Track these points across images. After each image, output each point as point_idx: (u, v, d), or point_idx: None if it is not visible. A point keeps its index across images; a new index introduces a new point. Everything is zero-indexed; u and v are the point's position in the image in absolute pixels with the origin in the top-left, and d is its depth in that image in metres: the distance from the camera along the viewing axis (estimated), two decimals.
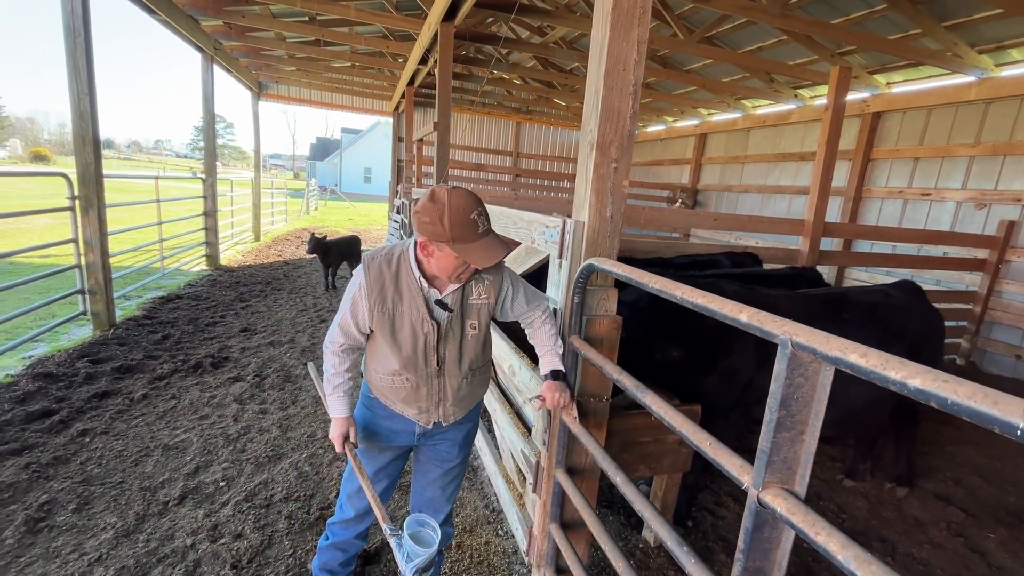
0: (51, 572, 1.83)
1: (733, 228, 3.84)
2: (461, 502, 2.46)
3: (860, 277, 6.13)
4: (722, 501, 2.65)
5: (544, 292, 1.83)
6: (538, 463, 1.76)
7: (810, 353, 0.69)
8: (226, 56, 7.72)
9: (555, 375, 1.51)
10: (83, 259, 4.13)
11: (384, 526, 1.38)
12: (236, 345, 4.21)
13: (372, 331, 1.44)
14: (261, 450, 2.70)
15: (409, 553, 1.32)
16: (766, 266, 3.79)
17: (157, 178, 6.27)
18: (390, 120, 12.20)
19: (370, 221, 18.25)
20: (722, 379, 2.22)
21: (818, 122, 7.15)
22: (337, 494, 2.39)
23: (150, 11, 5.09)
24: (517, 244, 2.26)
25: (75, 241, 4.09)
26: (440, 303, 1.41)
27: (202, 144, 7.60)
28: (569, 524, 1.70)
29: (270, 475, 2.49)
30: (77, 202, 3.97)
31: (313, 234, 6.22)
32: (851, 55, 5.79)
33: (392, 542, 1.35)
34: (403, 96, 8.80)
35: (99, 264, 4.11)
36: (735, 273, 3.07)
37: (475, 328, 1.46)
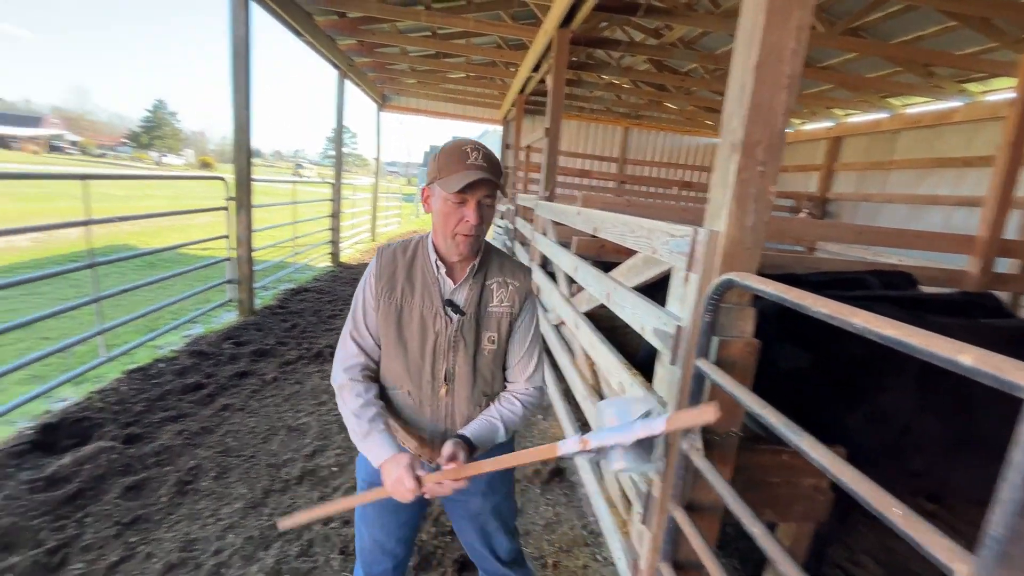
0: (192, 532, 2.05)
1: (882, 243, 3.34)
2: (558, 518, 2.37)
3: None
4: (859, 559, 2.29)
5: (663, 305, 1.69)
6: (649, 494, 1.62)
7: None
8: (356, 71, 8.43)
9: (467, 442, 1.16)
10: (233, 253, 4.71)
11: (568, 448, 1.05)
12: None
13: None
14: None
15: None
16: (923, 290, 3.24)
17: (294, 183, 7.00)
18: (498, 128, 12.51)
19: None
20: (872, 420, 1.89)
21: (989, 121, 6.04)
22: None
23: (297, 33, 5.70)
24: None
25: (227, 237, 4.67)
26: (451, 303, 1.20)
27: (332, 153, 8.35)
28: (683, 565, 1.54)
29: None
30: (231, 203, 4.53)
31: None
32: None
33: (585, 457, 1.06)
34: (513, 104, 8.97)
35: (245, 257, 4.66)
36: (891, 296, 2.64)
37: (493, 342, 1.23)
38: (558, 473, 2.73)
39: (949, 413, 1.77)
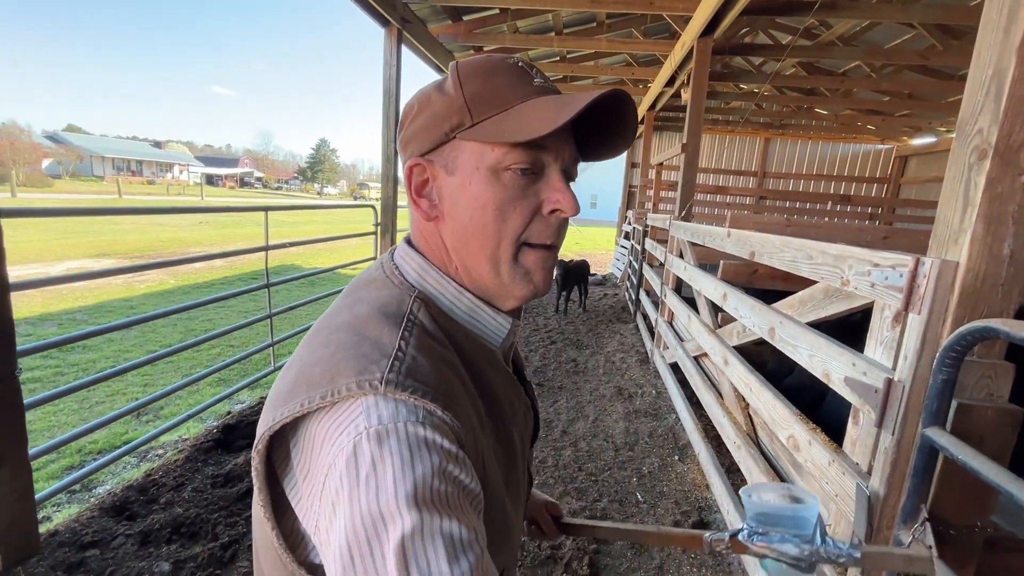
0: None
1: None
2: None
3: None
4: None
5: (856, 348, 1.38)
6: None
7: None
8: None
9: None
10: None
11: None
12: None
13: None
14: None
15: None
16: None
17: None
18: None
19: (595, 245, 18.65)
20: None
21: None
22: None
23: (439, 70, 6.13)
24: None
25: (375, 258, 5.10)
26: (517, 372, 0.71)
27: None
28: None
29: None
30: (379, 227, 4.94)
31: (561, 259, 6.55)
32: None
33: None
34: (642, 121, 8.69)
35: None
36: None
37: None
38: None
39: None
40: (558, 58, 7.26)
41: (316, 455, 0.45)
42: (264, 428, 0.48)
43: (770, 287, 2.85)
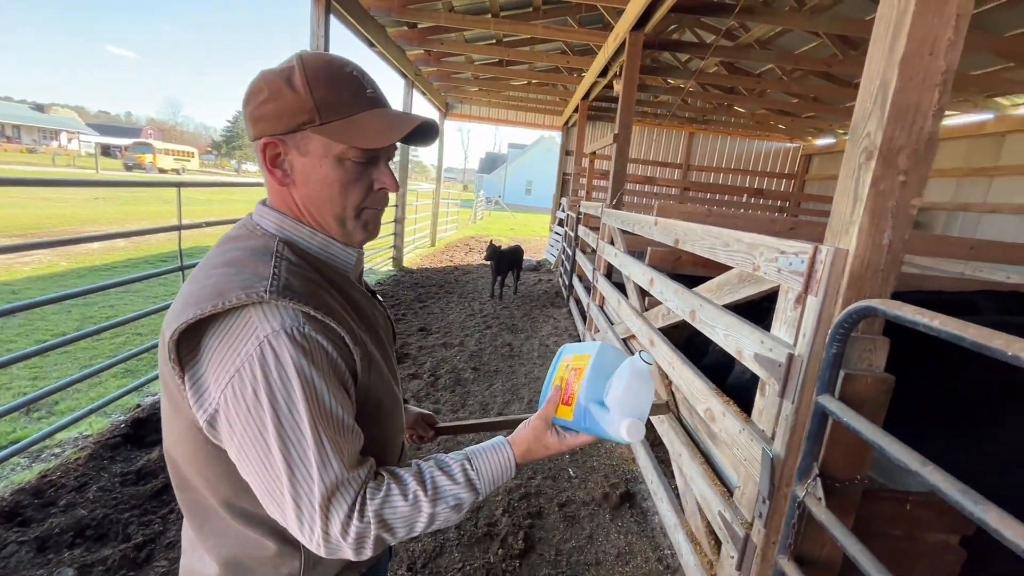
0: None
1: (1000, 260, 2.93)
2: (630, 548, 2.23)
3: None
4: None
5: (763, 327, 1.53)
6: (747, 538, 1.46)
7: None
8: (423, 80, 8.61)
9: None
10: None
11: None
12: (414, 343, 4.56)
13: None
14: (435, 452, 2.81)
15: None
16: None
17: None
18: (552, 135, 12.48)
19: (530, 231, 18.90)
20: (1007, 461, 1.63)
21: None
22: (504, 511, 2.34)
23: (371, 44, 5.87)
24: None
25: None
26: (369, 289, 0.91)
27: (397, 160, 8.57)
28: None
29: None
30: None
31: (491, 243, 6.55)
32: None
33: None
34: (576, 110, 8.85)
35: None
36: (1013, 322, 2.30)
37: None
38: (628, 498, 2.57)
39: None
40: (494, 41, 7.20)
41: (222, 356, 0.63)
42: (168, 334, 0.63)
43: (692, 273, 3.05)
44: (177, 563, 1.84)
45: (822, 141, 11.14)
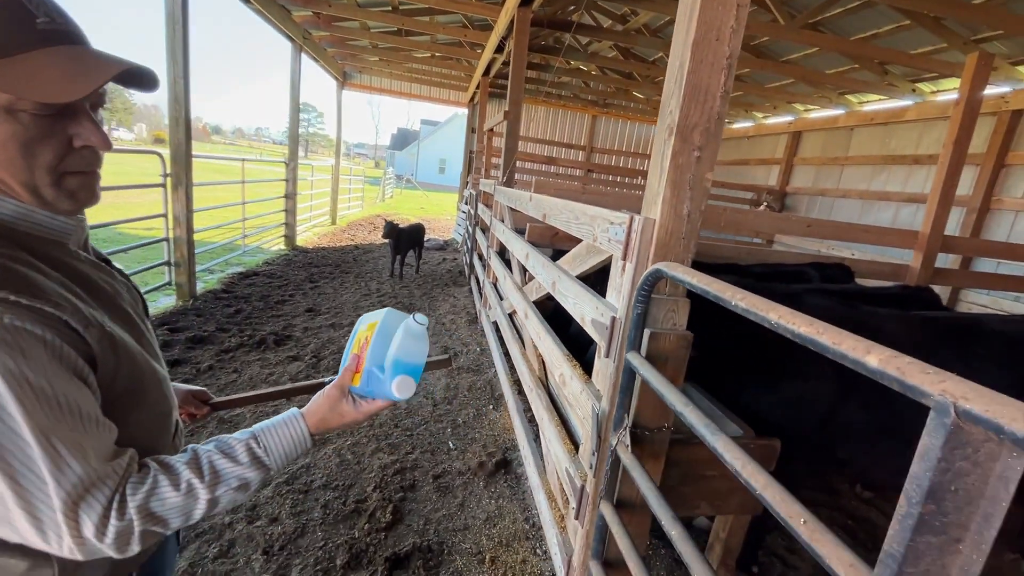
0: None
1: (830, 237, 3.41)
2: (500, 512, 2.32)
3: (979, 301, 5.30)
4: (795, 547, 2.32)
5: (605, 296, 1.63)
6: (583, 488, 1.57)
7: (988, 430, 0.46)
8: (314, 46, 8.04)
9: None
10: (171, 233, 4.42)
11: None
12: (300, 324, 4.34)
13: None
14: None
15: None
16: (868, 283, 3.32)
17: (243, 160, 6.65)
18: (467, 112, 12.27)
19: (441, 211, 18.62)
20: (793, 407, 1.90)
21: (937, 120, 6.27)
22: (375, 487, 2.33)
23: (245, 0, 5.35)
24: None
25: (165, 216, 4.38)
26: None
27: (287, 127, 7.99)
28: (612, 563, 1.50)
29: (313, 459, 2.49)
30: (168, 179, 4.24)
31: (388, 220, 6.35)
32: (989, 42, 4.97)
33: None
34: (478, 86, 8.77)
35: (184, 239, 4.38)
36: (830, 289, 2.67)
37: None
38: (504, 465, 2.67)
39: (871, 401, 1.78)
40: (390, 8, 6.88)
41: None
42: None
43: (568, 248, 3.18)
44: None
45: None
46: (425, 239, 7.08)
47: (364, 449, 2.64)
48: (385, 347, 0.85)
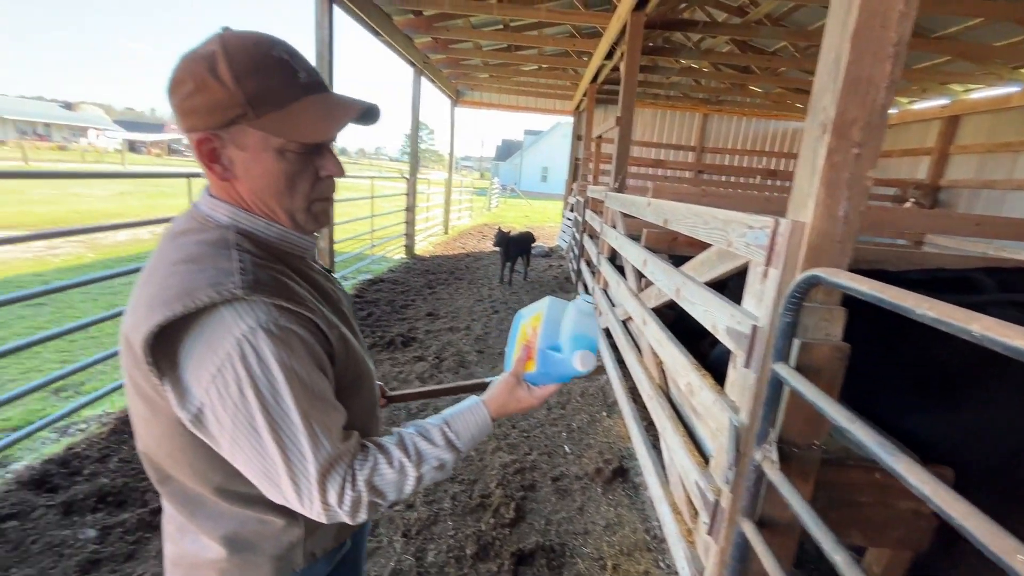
0: None
1: (1008, 237, 2.84)
2: (619, 520, 2.30)
3: None
4: None
5: (739, 303, 1.56)
6: (717, 504, 1.52)
7: None
8: (431, 68, 8.64)
9: None
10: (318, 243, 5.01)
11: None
12: (422, 327, 4.67)
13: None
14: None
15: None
16: None
17: (372, 178, 7.33)
18: (569, 120, 12.35)
19: (544, 218, 18.87)
20: (978, 433, 1.64)
21: None
22: (497, 484, 2.44)
23: (376, 33, 5.93)
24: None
25: None
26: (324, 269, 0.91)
27: (410, 149, 8.65)
28: None
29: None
30: None
31: (500, 228, 6.62)
32: None
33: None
34: (585, 94, 8.78)
35: (328, 249, 4.95)
36: (1013, 300, 2.27)
37: None
38: (621, 473, 2.64)
39: None
40: (501, 26, 7.18)
41: (201, 356, 0.63)
42: (137, 337, 0.62)
43: (687, 253, 3.06)
44: None
45: None
46: (533, 246, 7.23)
47: (486, 447, 2.77)
48: (555, 329, 0.91)
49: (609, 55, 6.21)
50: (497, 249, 6.76)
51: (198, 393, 0.64)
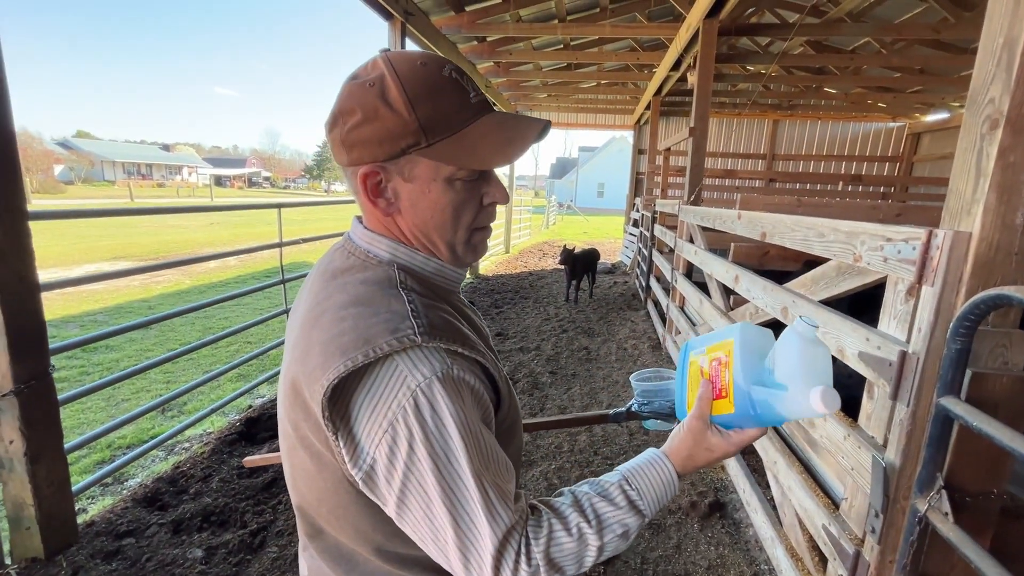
0: None
1: None
2: (722, 561, 2.10)
3: None
4: None
5: (869, 323, 1.39)
6: (859, 555, 1.33)
7: None
8: (492, 92, 8.82)
9: None
10: None
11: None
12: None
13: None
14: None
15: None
16: None
17: None
18: (624, 135, 12.24)
19: (603, 234, 18.62)
20: None
21: None
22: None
23: None
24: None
25: None
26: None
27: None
28: None
29: (523, 480, 2.58)
30: None
31: (565, 246, 6.55)
32: None
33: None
34: (648, 107, 8.62)
35: None
36: None
37: None
38: (718, 507, 2.44)
39: None
40: (562, 46, 7.21)
41: (372, 408, 0.57)
42: (310, 386, 0.57)
43: (781, 268, 2.85)
44: (284, 549, 2.01)
45: (933, 117, 9.94)
46: (598, 263, 7.09)
47: (568, 475, 2.66)
48: (759, 361, 0.73)
49: (675, 66, 6.05)
50: (562, 267, 6.68)
51: (369, 449, 0.58)
